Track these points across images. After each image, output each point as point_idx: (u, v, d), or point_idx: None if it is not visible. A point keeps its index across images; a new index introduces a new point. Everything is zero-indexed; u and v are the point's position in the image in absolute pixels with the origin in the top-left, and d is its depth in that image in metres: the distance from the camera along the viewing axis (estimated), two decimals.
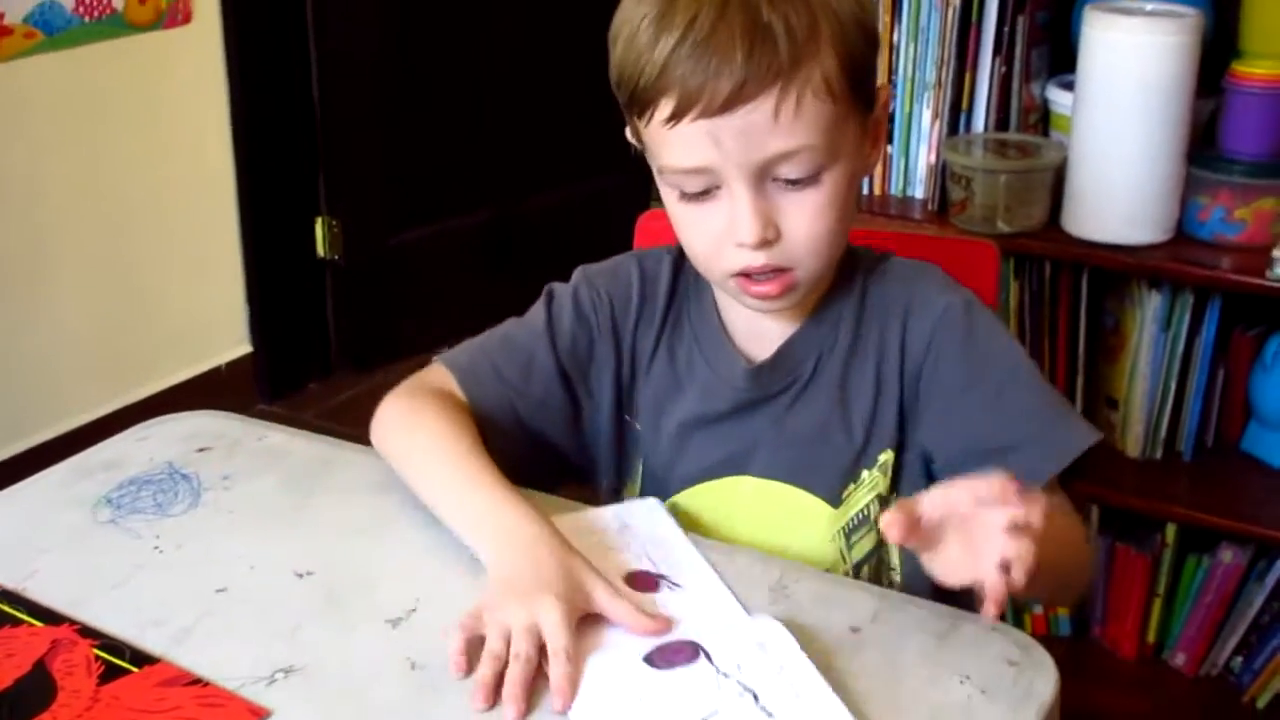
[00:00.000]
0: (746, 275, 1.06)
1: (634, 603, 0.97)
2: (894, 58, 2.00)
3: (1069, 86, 1.92)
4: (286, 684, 0.92)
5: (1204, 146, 1.89)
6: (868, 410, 1.12)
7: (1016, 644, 0.95)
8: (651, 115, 1.02)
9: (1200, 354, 1.94)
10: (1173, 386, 1.96)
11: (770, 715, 0.87)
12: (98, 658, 0.94)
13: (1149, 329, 1.94)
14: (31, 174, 2.54)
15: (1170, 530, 2.04)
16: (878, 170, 2.06)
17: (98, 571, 1.04)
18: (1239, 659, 2.04)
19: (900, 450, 1.13)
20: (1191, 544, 2.05)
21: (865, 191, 2.08)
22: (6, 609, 0.99)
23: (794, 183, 1.02)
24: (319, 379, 3.09)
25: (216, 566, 1.05)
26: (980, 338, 1.10)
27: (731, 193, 1.02)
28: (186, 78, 2.79)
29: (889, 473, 1.13)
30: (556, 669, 0.90)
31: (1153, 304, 1.93)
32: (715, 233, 1.05)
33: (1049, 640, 0.96)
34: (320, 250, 3.03)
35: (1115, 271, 1.95)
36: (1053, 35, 2.03)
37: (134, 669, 0.93)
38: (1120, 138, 1.81)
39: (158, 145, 2.75)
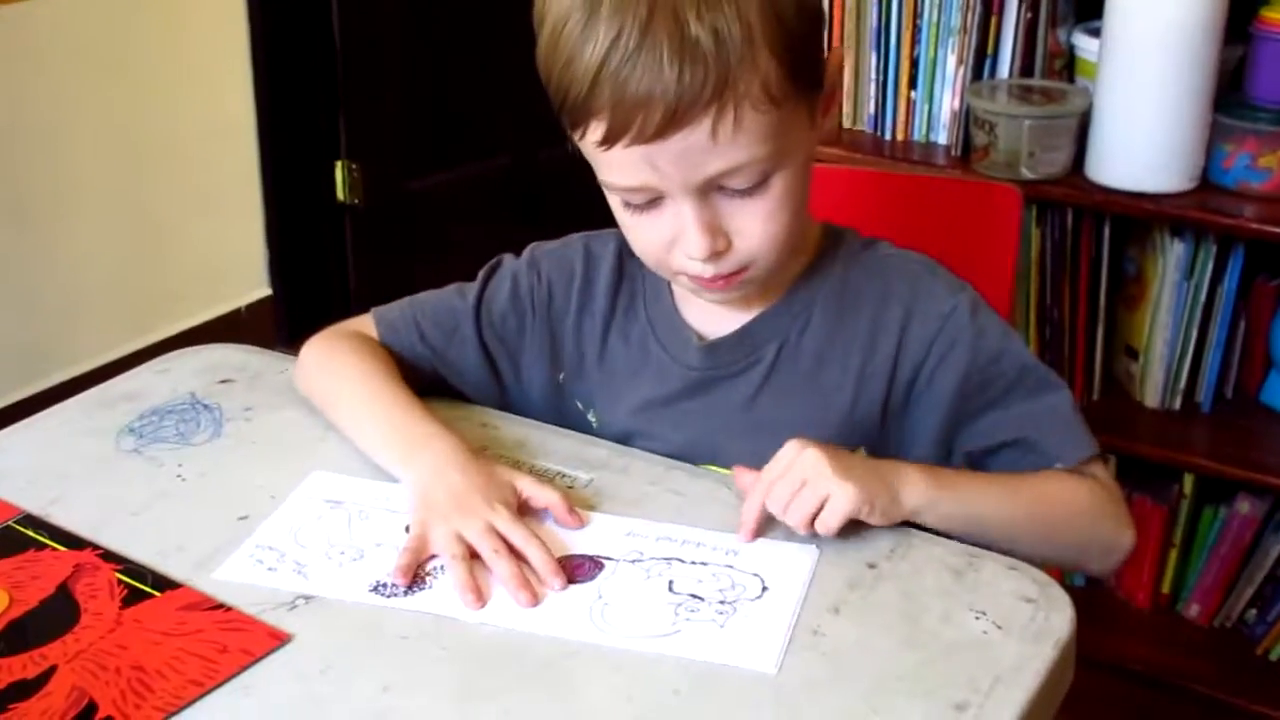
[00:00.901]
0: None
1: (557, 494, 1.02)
2: (919, 2, 1.98)
3: (1095, 33, 1.90)
4: (307, 610, 0.93)
5: (1230, 93, 1.87)
6: (845, 405, 1.09)
7: (1034, 581, 0.96)
8: (583, 134, 0.97)
9: (1222, 304, 1.92)
10: (1193, 336, 1.94)
11: (704, 564, 0.96)
12: (120, 581, 0.95)
13: (1171, 278, 1.93)
14: (52, 115, 2.54)
15: (1188, 481, 2.04)
16: (901, 115, 2.04)
17: (120, 498, 1.05)
18: (1253, 611, 2.04)
19: (876, 448, 1.09)
20: (1208, 495, 2.05)
21: (888, 137, 2.06)
22: (30, 533, 1.01)
23: (741, 190, 0.98)
24: (337, 322, 3.09)
25: (238, 495, 1.05)
26: (986, 341, 1.07)
27: (676, 205, 0.99)
28: (208, 19, 2.78)
29: None
30: (535, 556, 0.95)
31: (1175, 252, 1.91)
32: (663, 240, 1.02)
33: (1063, 589, 0.96)
34: (340, 194, 3.04)
35: (1138, 219, 1.94)
36: None
37: (156, 593, 0.94)
38: (1146, 84, 1.79)
39: (179, 87, 2.75)
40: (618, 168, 0.97)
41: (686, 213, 0.98)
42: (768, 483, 0.98)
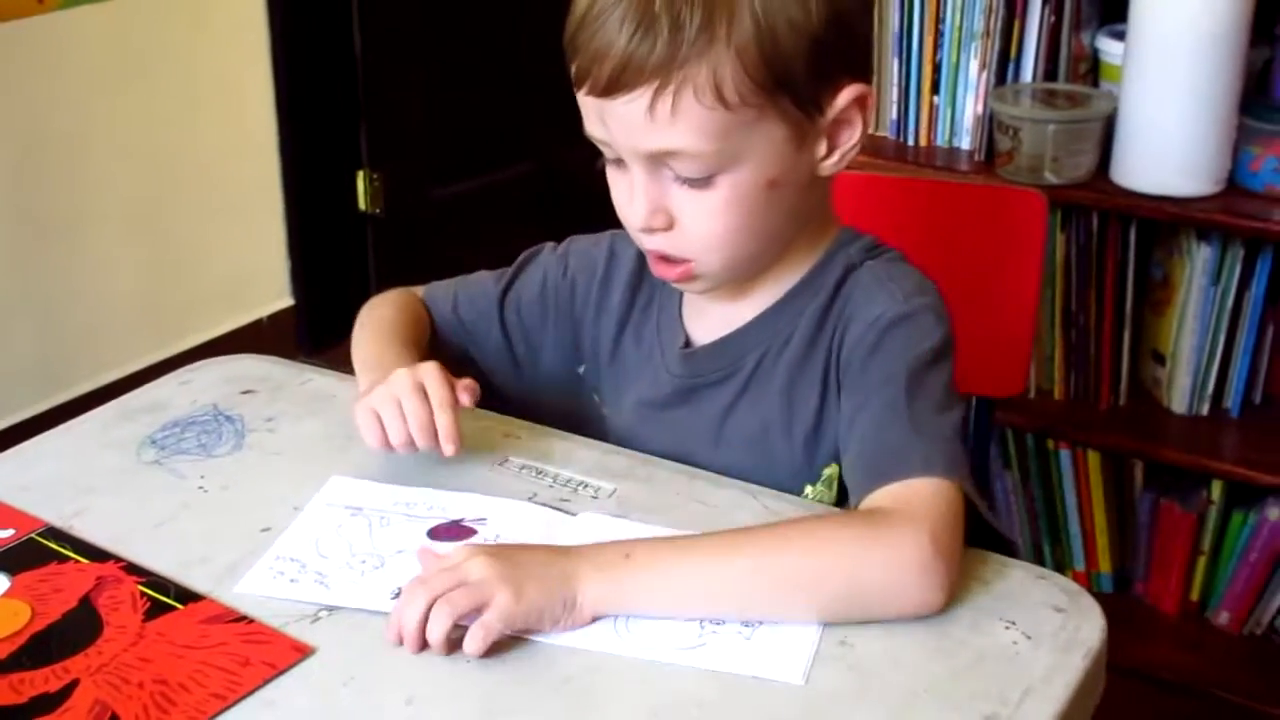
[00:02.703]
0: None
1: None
2: (941, 6, 1.97)
3: (1119, 36, 1.89)
4: (330, 621, 0.92)
5: (1256, 96, 1.85)
6: (810, 419, 1.07)
7: (1064, 591, 0.95)
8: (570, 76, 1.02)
9: (1250, 308, 1.90)
10: (1221, 341, 1.93)
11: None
12: (143, 594, 0.95)
13: (1198, 282, 1.91)
14: (74, 126, 2.55)
15: (1216, 486, 2.02)
16: (924, 120, 2.03)
17: (142, 511, 1.05)
18: None
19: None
20: (1237, 500, 2.02)
21: (911, 142, 2.05)
22: (54, 546, 1.00)
23: (688, 180, 0.99)
24: None
25: (260, 506, 1.05)
26: (886, 355, 1.01)
27: (631, 172, 1.01)
28: (228, 29, 2.79)
29: (834, 487, 1.07)
30: (442, 419, 1.02)
31: (1202, 257, 1.90)
32: (625, 203, 1.04)
33: (1093, 598, 0.95)
34: (362, 203, 3.04)
35: (1164, 223, 1.92)
36: None
37: (179, 605, 0.93)
38: (1171, 87, 1.78)
39: (200, 98, 2.76)
40: (586, 114, 1.01)
41: (635, 180, 1.01)
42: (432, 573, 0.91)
